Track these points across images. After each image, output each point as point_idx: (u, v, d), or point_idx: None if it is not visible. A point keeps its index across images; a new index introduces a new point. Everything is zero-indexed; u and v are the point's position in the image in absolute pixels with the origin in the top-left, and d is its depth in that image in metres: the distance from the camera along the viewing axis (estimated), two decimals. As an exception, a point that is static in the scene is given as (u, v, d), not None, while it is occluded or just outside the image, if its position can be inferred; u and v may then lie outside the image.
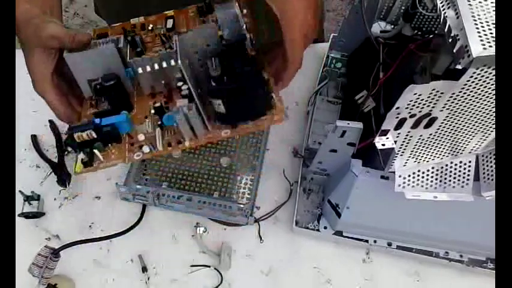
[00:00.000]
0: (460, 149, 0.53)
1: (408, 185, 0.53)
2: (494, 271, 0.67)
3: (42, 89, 0.54)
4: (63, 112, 0.55)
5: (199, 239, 0.71)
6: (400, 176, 0.53)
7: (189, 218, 0.73)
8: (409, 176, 0.53)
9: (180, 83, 0.53)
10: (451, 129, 0.49)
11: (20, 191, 0.72)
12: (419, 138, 0.50)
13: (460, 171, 0.54)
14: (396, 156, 0.51)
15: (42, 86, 0.53)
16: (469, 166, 0.54)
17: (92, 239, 0.66)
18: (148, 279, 0.69)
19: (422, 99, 0.44)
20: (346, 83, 0.79)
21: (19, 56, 0.83)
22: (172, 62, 0.56)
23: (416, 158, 0.53)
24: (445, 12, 0.43)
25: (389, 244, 0.69)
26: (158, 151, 0.56)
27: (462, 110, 0.46)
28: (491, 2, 0.42)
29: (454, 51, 0.42)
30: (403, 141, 0.50)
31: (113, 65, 0.58)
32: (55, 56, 0.53)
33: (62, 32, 0.51)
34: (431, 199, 0.53)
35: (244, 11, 0.59)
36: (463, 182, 0.54)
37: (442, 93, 0.43)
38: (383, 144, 0.48)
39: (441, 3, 0.44)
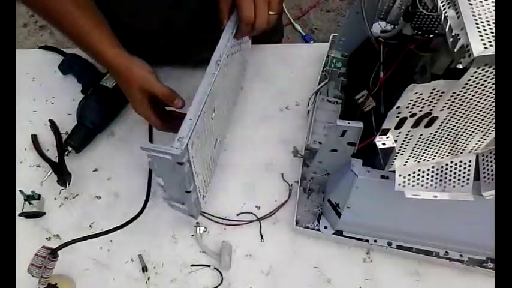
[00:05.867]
0: (460, 149, 0.53)
1: (408, 184, 0.53)
2: (494, 271, 0.67)
3: (144, 114, 0.67)
4: (160, 125, 0.68)
5: (200, 239, 0.71)
6: (400, 175, 0.53)
7: (189, 218, 0.73)
8: (409, 175, 0.53)
9: None
10: (452, 129, 0.49)
11: (20, 191, 0.72)
12: (419, 138, 0.50)
13: (460, 170, 0.54)
14: (396, 156, 0.51)
15: (143, 112, 0.67)
16: (469, 166, 0.54)
17: (88, 236, 0.64)
18: (148, 279, 0.69)
19: (423, 99, 0.44)
20: (346, 82, 0.80)
21: (19, 56, 0.84)
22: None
23: (417, 157, 0.53)
24: (445, 12, 0.43)
25: (390, 244, 0.69)
26: None
27: (463, 109, 0.46)
28: (492, 1, 0.42)
29: (455, 50, 0.42)
30: (404, 141, 0.50)
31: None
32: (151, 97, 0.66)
33: (165, 93, 0.64)
34: (431, 198, 0.53)
35: None
36: (463, 181, 0.54)
37: (442, 92, 0.43)
38: (383, 144, 0.48)
39: (442, 2, 0.44)
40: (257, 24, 0.62)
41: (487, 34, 0.40)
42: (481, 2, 0.42)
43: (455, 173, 0.54)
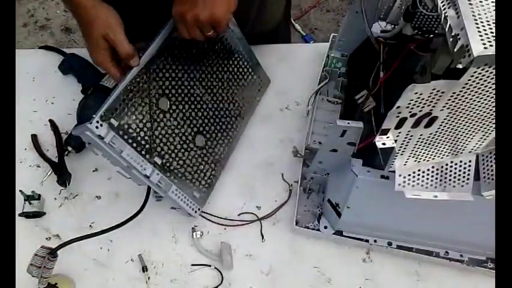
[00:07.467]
0: (460, 149, 0.53)
1: (408, 184, 0.53)
2: (494, 271, 0.67)
3: (103, 63, 0.64)
4: (118, 77, 0.65)
5: (197, 243, 0.71)
6: (400, 175, 0.53)
7: (190, 218, 0.73)
8: (409, 175, 0.53)
9: None
10: (452, 129, 0.49)
11: (20, 191, 0.72)
12: (419, 138, 0.50)
13: (460, 170, 0.54)
14: (396, 156, 0.51)
15: (102, 61, 0.64)
16: (469, 166, 0.54)
17: (87, 235, 0.63)
18: (148, 279, 0.69)
19: (423, 99, 0.44)
20: (346, 82, 0.80)
21: (19, 56, 0.84)
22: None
23: (417, 157, 0.53)
24: (445, 12, 0.43)
25: (390, 244, 0.69)
26: None
27: (462, 109, 0.46)
28: (492, 1, 0.42)
29: (455, 50, 0.42)
30: (404, 141, 0.50)
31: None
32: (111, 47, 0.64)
33: (128, 51, 0.62)
34: (431, 198, 0.53)
35: None
36: (463, 181, 0.54)
37: (442, 92, 0.43)
38: (383, 144, 0.48)
39: (442, 2, 0.44)
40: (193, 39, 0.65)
41: (486, 34, 0.40)
42: (481, 2, 0.42)
43: (455, 173, 0.54)
